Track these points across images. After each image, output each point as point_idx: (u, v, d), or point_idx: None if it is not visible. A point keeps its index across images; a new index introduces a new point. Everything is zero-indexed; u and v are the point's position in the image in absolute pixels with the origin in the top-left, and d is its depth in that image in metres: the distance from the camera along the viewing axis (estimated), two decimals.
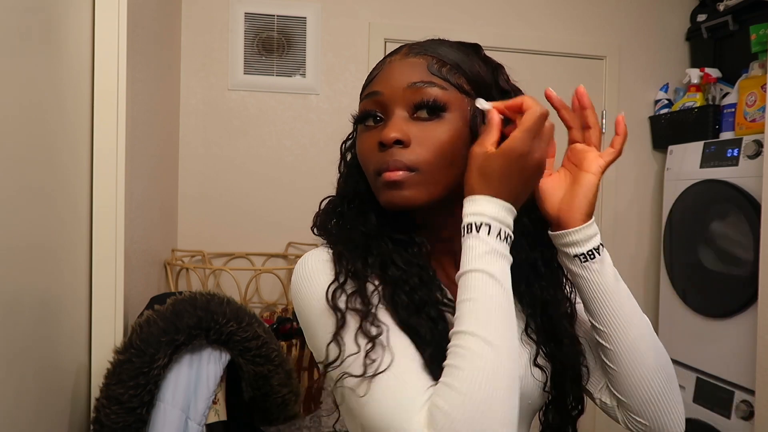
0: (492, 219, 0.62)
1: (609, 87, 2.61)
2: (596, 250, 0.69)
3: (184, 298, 1.29)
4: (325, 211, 0.77)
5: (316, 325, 0.66)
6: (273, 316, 2.10)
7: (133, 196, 1.44)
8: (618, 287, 0.70)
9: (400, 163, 0.65)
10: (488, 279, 0.60)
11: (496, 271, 0.61)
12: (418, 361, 0.62)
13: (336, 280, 0.66)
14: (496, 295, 0.60)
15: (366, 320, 0.63)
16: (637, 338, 0.70)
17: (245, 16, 2.32)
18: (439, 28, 1.20)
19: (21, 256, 0.95)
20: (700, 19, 2.57)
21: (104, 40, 1.28)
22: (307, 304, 0.67)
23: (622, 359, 0.71)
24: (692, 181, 2.28)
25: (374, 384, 0.59)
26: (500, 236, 0.62)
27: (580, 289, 0.71)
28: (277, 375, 1.36)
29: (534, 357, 0.74)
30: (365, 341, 0.61)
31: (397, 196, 0.66)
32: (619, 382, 0.72)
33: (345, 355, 0.61)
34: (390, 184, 0.66)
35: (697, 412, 2.18)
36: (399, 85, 0.68)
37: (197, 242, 2.27)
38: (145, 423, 1.21)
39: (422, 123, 0.67)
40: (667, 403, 0.72)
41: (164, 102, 1.99)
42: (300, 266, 0.70)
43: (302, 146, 2.37)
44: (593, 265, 0.69)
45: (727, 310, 2.06)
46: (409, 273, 0.68)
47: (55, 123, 1.09)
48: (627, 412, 0.74)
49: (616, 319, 0.70)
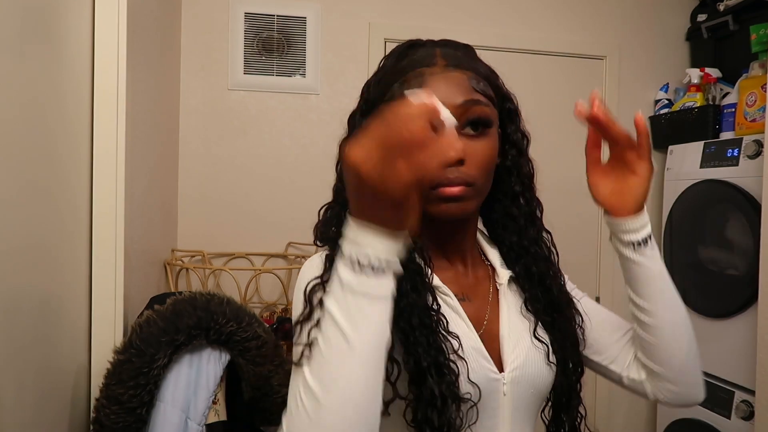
0: (345, 241, 0.54)
1: (609, 87, 2.61)
2: (649, 238, 0.77)
3: (184, 298, 1.29)
4: (324, 220, 0.77)
5: (294, 310, 0.69)
6: (273, 316, 2.10)
7: (133, 196, 1.44)
8: (663, 270, 0.78)
9: (461, 179, 0.70)
10: (328, 318, 0.54)
11: (330, 303, 0.54)
12: None
13: (320, 277, 0.68)
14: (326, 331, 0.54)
15: None
16: (677, 315, 0.79)
17: (245, 16, 2.32)
18: (439, 28, 1.20)
19: (21, 255, 0.95)
20: (700, 19, 2.56)
21: (104, 40, 1.28)
22: (295, 293, 0.71)
23: (664, 332, 0.79)
24: (692, 181, 2.28)
25: (295, 367, 0.59)
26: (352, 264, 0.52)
27: (631, 273, 0.78)
28: (277, 375, 1.36)
29: (534, 329, 0.78)
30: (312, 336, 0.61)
31: (456, 208, 0.71)
32: (657, 354, 0.80)
33: (296, 340, 0.64)
34: (449, 198, 0.70)
35: (697, 412, 2.18)
36: (449, 102, 0.68)
37: (197, 242, 2.26)
38: (145, 423, 1.21)
39: (469, 139, 0.71)
40: (696, 371, 0.82)
41: (164, 102, 1.99)
42: (303, 266, 0.75)
43: (302, 146, 2.37)
44: (648, 251, 0.77)
45: (727, 310, 2.06)
46: (404, 278, 0.68)
47: (55, 123, 1.09)
48: (659, 381, 0.81)
49: (662, 299, 0.78)
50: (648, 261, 0.77)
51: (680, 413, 2.27)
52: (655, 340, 0.79)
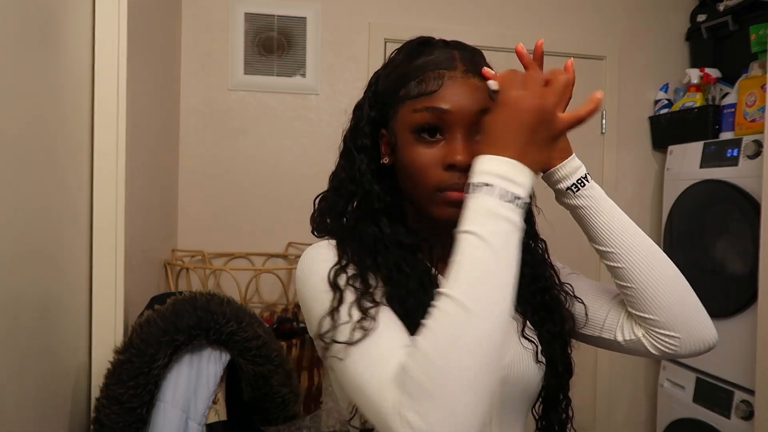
0: (495, 177, 0.61)
1: (609, 87, 2.61)
2: (584, 178, 0.75)
3: (184, 298, 1.29)
4: (321, 210, 0.79)
5: (313, 302, 0.70)
6: (273, 316, 2.10)
7: (133, 196, 1.44)
8: (615, 208, 0.76)
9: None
10: (477, 241, 0.59)
11: (486, 233, 0.59)
12: (403, 330, 0.65)
13: (338, 263, 0.70)
14: (483, 259, 0.59)
15: (363, 297, 0.67)
16: (645, 251, 0.76)
17: (245, 16, 2.32)
18: (439, 28, 1.20)
19: (21, 256, 0.95)
20: (700, 19, 2.56)
21: (104, 40, 1.28)
22: (307, 284, 0.71)
23: (636, 274, 0.75)
24: (692, 181, 2.28)
25: (354, 347, 0.63)
26: (502, 196, 0.61)
27: (582, 220, 0.77)
28: (277, 375, 1.36)
29: (522, 329, 0.78)
30: (358, 313, 0.65)
31: (458, 213, 0.71)
32: (640, 299, 0.76)
33: (338, 323, 0.65)
34: (454, 203, 0.70)
35: (697, 412, 2.18)
36: (468, 109, 0.70)
37: (197, 242, 2.27)
38: (145, 423, 1.21)
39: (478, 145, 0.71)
40: (692, 309, 0.77)
41: (164, 102, 2.00)
42: (304, 255, 0.75)
43: (302, 146, 2.37)
44: (585, 191, 0.75)
45: (727, 310, 2.06)
46: (412, 277, 0.71)
47: (55, 123, 1.09)
48: (656, 331, 0.76)
49: (621, 237, 0.75)
50: (591, 200, 0.75)
51: (680, 413, 2.28)
52: (633, 284, 0.75)
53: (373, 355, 0.62)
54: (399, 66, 0.77)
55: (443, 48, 0.76)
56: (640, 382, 2.68)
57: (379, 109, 0.78)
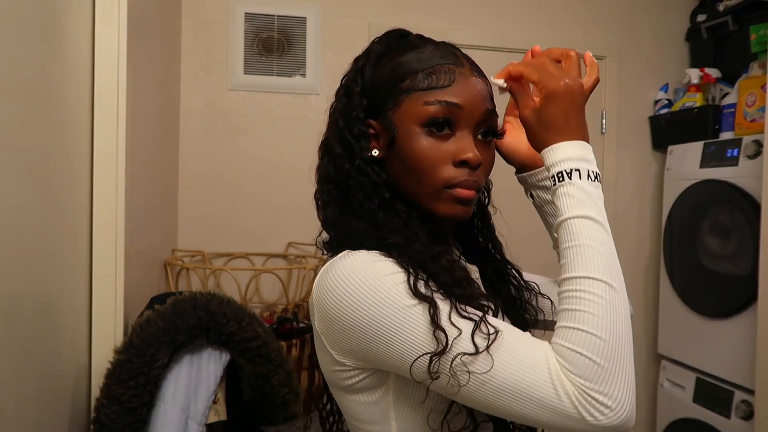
0: (578, 161, 0.65)
1: (609, 87, 2.61)
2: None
3: (185, 298, 1.29)
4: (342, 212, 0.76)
5: (401, 322, 0.61)
6: (273, 316, 2.10)
7: (133, 196, 1.44)
8: None
9: (477, 184, 0.72)
10: (592, 224, 0.62)
11: (596, 214, 0.63)
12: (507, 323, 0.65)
13: (408, 272, 0.63)
14: (603, 239, 0.62)
15: (460, 302, 0.63)
16: None
17: (245, 16, 2.32)
18: (439, 27, 1.20)
19: (21, 256, 0.95)
20: (700, 19, 2.56)
21: (104, 40, 1.28)
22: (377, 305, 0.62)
23: None
24: (692, 181, 2.28)
25: (496, 354, 0.59)
26: (590, 177, 0.64)
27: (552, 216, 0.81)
28: (277, 375, 1.36)
29: None
30: (464, 321, 0.60)
31: (462, 211, 0.72)
32: None
33: (451, 338, 0.59)
34: (462, 201, 0.70)
35: (697, 412, 2.18)
36: (478, 107, 0.71)
37: (197, 242, 2.26)
38: (145, 423, 1.21)
39: (481, 145, 0.72)
40: None
41: (164, 102, 2.00)
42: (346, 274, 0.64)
43: (302, 146, 2.37)
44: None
45: (727, 310, 2.06)
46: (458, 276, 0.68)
47: (55, 123, 1.09)
48: None
49: None
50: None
51: (680, 413, 2.28)
52: None
53: (520, 355, 0.59)
54: (394, 56, 0.74)
55: (435, 44, 0.75)
56: (640, 381, 2.68)
57: (370, 98, 0.75)
